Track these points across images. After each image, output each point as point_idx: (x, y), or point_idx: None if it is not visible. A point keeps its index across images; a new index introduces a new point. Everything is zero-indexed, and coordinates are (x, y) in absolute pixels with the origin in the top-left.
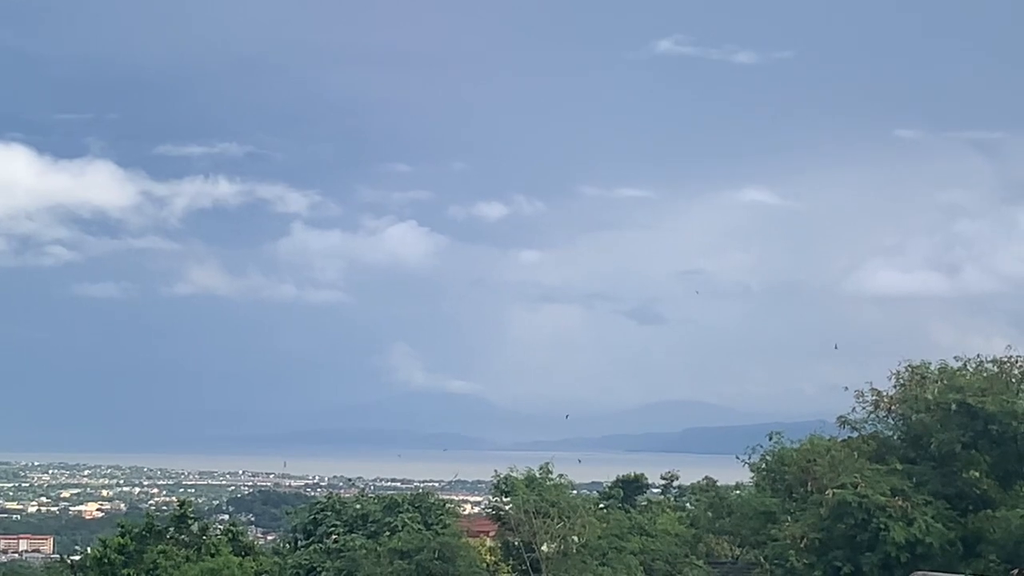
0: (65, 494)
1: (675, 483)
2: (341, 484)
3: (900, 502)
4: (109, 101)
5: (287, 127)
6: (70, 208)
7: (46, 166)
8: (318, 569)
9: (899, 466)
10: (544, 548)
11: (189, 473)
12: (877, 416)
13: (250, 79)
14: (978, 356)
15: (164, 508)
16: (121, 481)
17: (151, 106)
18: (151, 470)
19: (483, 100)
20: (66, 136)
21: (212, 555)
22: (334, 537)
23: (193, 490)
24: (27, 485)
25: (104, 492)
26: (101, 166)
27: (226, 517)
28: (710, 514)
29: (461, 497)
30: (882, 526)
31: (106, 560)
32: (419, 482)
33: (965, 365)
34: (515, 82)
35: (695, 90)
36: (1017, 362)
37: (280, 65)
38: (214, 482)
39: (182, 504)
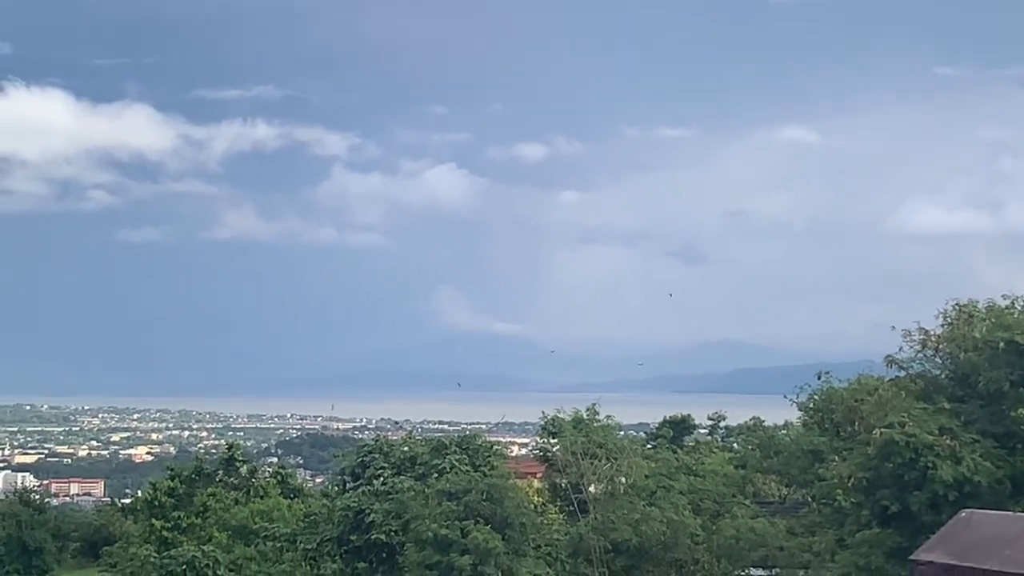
0: (115, 438)
1: (722, 423)
2: (388, 426)
3: (948, 441)
4: (146, 45)
5: (324, 70)
6: (109, 151)
7: (84, 110)
8: (366, 511)
9: (947, 405)
10: (592, 489)
11: (238, 416)
12: (925, 355)
13: (286, 22)
14: None
15: (213, 451)
16: (170, 424)
17: (188, 50)
18: (200, 413)
19: (521, 41)
20: (104, 80)
21: (261, 497)
22: (382, 479)
23: (242, 433)
24: (77, 429)
25: (154, 436)
26: (139, 110)
27: (275, 460)
28: (758, 454)
29: (508, 439)
30: (930, 465)
31: (157, 503)
32: (466, 424)
33: (1013, 303)
34: (553, 22)
35: (734, 28)
36: None
37: (316, 7)
38: (263, 425)
39: (231, 447)
